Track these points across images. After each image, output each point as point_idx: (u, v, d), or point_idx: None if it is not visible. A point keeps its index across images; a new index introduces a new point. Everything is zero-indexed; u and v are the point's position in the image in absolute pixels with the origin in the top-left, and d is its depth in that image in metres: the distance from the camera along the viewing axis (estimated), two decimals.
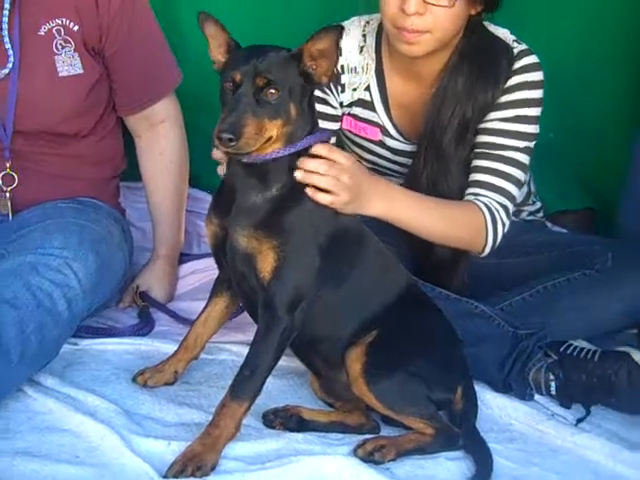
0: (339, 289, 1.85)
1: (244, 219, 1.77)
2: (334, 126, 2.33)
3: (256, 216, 1.76)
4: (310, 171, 1.79)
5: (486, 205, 2.15)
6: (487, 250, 2.17)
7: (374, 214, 1.96)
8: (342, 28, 1.77)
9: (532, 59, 2.20)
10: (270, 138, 1.72)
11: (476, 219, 2.14)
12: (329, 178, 1.80)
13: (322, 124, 2.27)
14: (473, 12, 2.13)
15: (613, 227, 2.80)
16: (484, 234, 2.15)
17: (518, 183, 2.21)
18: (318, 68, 1.76)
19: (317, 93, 1.98)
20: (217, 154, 1.85)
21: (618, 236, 2.65)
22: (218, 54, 1.80)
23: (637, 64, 2.86)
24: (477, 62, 2.18)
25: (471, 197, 2.18)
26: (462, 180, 2.21)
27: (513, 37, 2.22)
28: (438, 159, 2.21)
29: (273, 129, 1.72)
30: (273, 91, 1.70)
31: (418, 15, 2.04)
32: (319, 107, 2.26)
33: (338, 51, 1.77)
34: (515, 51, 2.19)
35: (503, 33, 2.23)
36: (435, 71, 2.21)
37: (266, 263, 1.75)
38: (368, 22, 2.28)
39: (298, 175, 1.78)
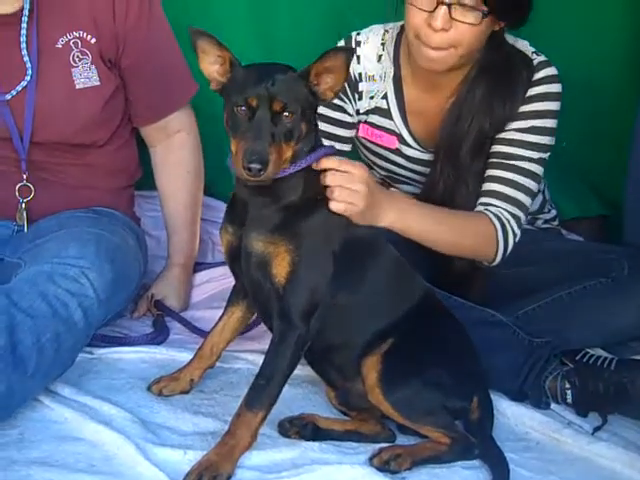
0: (353, 297, 1.85)
1: (259, 226, 1.78)
2: (350, 134, 2.33)
3: (270, 223, 1.77)
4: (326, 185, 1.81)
5: (497, 216, 2.16)
6: (497, 260, 2.18)
7: (386, 224, 1.97)
8: (353, 51, 1.78)
9: (551, 71, 2.20)
10: (286, 160, 1.73)
11: (486, 229, 2.14)
12: (343, 189, 1.81)
13: (338, 131, 2.29)
14: (497, 28, 2.13)
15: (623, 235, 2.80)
16: (494, 244, 2.15)
17: (531, 193, 2.21)
18: (323, 85, 1.76)
19: (334, 100, 1.98)
20: None
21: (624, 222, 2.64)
22: (214, 72, 1.77)
23: None
24: (496, 76, 2.18)
25: (482, 207, 2.18)
26: (479, 190, 2.22)
27: (532, 49, 2.22)
28: (455, 169, 2.21)
29: (289, 151, 1.72)
30: (288, 114, 1.70)
31: (443, 31, 2.04)
32: (336, 114, 2.28)
33: (347, 72, 1.76)
34: (534, 62, 2.19)
35: (523, 45, 2.23)
36: (454, 82, 2.22)
37: (281, 267, 1.76)
38: (387, 31, 2.29)
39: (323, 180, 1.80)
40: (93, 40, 2.21)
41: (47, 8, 2.16)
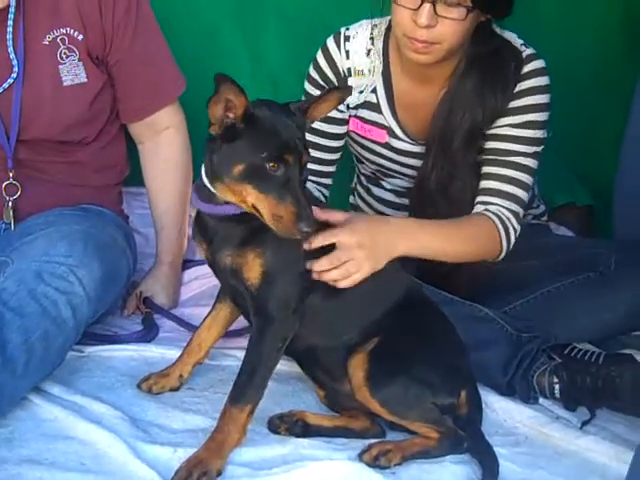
0: (334, 295, 1.86)
1: (226, 244, 1.79)
2: (342, 130, 2.34)
3: (237, 239, 1.78)
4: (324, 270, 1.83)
5: (497, 215, 2.17)
6: (502, 256, 2.20)
7: (400, 254, 1.98)
8: (350, 91, 1.88)
9: (539, 63, 2.21)
10: None
11: (490, 231, 2.16)
12: (343, 268, 1.84)
13: (330, 128, 2.30)
14: (483, 19, 2.14)
15: (611, 225, 2.82)
16: (499, 243, 2.17)
17: (527, 188, 2.22)
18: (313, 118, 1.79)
19: None
20: None
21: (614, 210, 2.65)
22: (222, 116, 1.68)
23: (632, 63, 2.87)
24: (485, 67, 2.18)
25: (481, 206, 2.20)
26: (472, 183, 2.23)
27: (521, 41, 2.23)
28: (447, 162, 2.22)
29: None
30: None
31: (429, 27, 2.05)
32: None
33: (338, 105, 1.82)
34: (522, 55, 2.20)
35: (510, 37, 2.23)
36: (444, 75, 2.22)
37: (252, 271, 1.77)
38: (376, 25, 2.29)
39: (314, 276, 1.82)
40: (80, 37, 2.19)
41: (33, 5, 2.15)
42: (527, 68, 2.19)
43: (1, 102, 2.15)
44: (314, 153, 2.26)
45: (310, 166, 2.21)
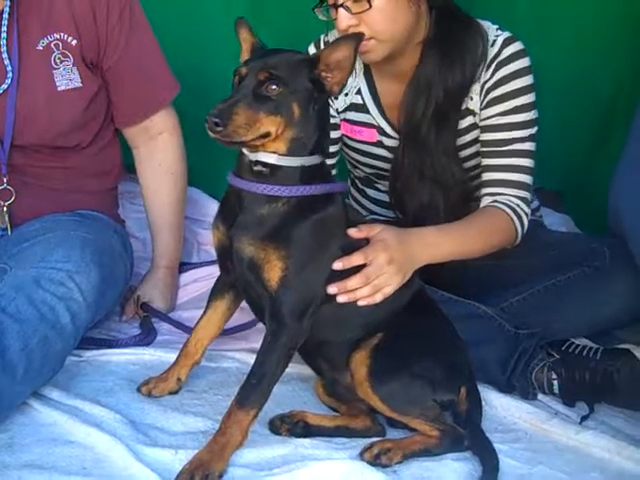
0: None
1: (250, 231, 1.77)
2: (335, 134, 2.34)
3: (263, 228, 1.76)
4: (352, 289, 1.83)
5: (507, 205, 2.19)
6: (518, 240, 2.23)
7: (424, 263, 2.00)
8: (361, 37, 1.80)
9: (518, 46, 2.20)
10: (268, 135, 1.71)
11: (504, 223, 2.18)
12: (372, 284, 1.84)
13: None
14: (416, 3, 2.12)
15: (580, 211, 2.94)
16: (514, 231, 2.20)
17: (530, 171, 2.24)
18: (332, 78, 1.77)
19: None
20: None
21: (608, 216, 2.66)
22: (245, 56, 1.83)
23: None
24: (443, 47, 2.19)
25: (489, 198, 2.22)
26: (450, 164, 2.24)
27: (496, 26, 2.23)
28: (417, 148, 2.24)
29: (270, 125, 1.71)
30: (274, 87, 1.70)
31: (353, 27, 2.08)
32: None
33: (354, 63, 1.77)
34: (500, 40, 2.19)
35: (484, 24, 2.23)
36: (414, 66, 2.23)
37: (273, 272, 1.75)
38: None
39: (341, 299, 1.82)
40: (74, 42, 2.20)
41: (27, 10, 2.16)
42: (507, 52, 2.19)
43: None
44: None
45: None
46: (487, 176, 2.24)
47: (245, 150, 1.78)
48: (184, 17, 3.03)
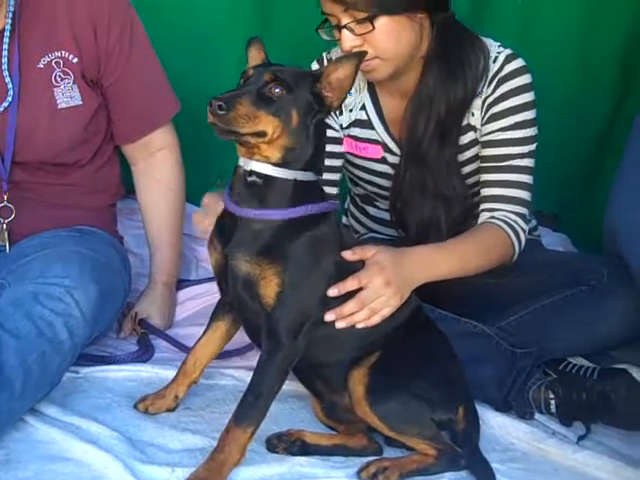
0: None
1: (245, 247, 1.77)
2: (338, 148, 2.34)
3: (258, 243, 1.76)
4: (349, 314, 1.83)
5: (504, 221, 2.19)
6: (516, 257, 2.23)
7: (421, 283, 1.99)
8: (363, 55, 1.83)
9: (519, 63, 2.22)
10: (264, 134, 1.71)
11: (502, 239, 2.18)
12: (369, 308, 1.84)
13: (331, 148, 2.27)
14: (419, 21, 2.14)
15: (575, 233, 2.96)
16: (511, 248, 2.20)
17: (529, 187, 2.24)
18: (332, 95, 1.78)
19: None
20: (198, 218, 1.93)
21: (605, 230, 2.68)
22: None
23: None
24: (444, 63, 2.20)
25: (487, 213, 2.22)
26: (451, 178, 2.26)
27: (497, 43, 2.25)
28: (419, 163, 2.24)
29: (267, 124, 1.71)
30: (277, 90, 1.72)
31: (357, 48, 2.09)
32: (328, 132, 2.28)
33: (354, 79, 1.78)
34: (502, 56, 2.21)
35: (487, 41, 2.24)
36: (416, 81, 2.24)
37: (269, 289, 1.75)
38: None
39: (339, 325, 1.82)
40: (75, 60, 2.20)
41: (28, 28, 2.16)
42: (508, 68, 2.20)
43: None
44: None
45: None
46: (485, 192, 2.25)
47: (240, 160, 1.78)
48: (186, 36, 3.05)
